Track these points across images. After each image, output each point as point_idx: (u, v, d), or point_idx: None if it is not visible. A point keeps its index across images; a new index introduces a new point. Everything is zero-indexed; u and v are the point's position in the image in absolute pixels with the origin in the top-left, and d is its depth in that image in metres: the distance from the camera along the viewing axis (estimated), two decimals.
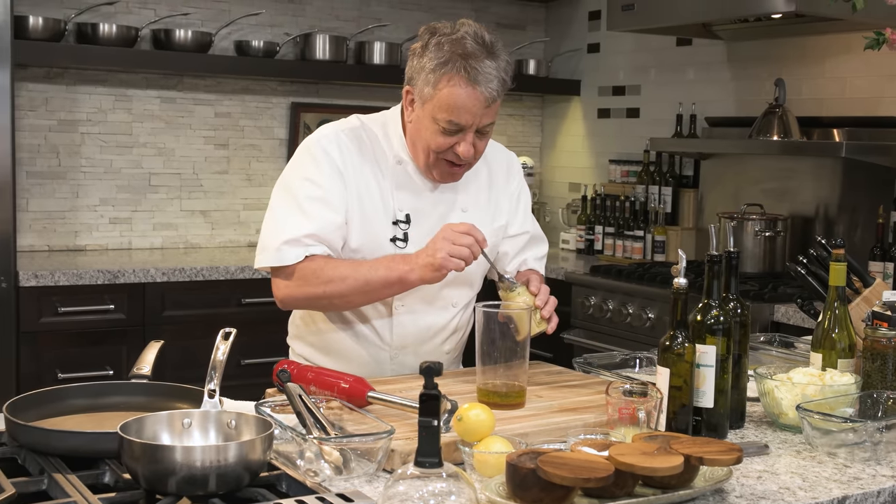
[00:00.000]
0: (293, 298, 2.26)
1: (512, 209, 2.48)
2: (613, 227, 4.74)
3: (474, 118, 2.18)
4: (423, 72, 2.19)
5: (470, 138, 2.21)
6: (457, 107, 2.16)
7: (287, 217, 2.25)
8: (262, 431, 1.57)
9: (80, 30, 4.23)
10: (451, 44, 2.16)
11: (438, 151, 2.23)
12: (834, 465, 1.78)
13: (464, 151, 2.21)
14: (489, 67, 2.15)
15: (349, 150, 2.29)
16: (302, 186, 2.26)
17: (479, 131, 2.22)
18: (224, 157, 4.71)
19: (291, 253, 2.21)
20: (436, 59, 2.17)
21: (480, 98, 2.16)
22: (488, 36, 2.19)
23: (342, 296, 2.21)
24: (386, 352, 2.35)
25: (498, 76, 2.17)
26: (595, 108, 5.22)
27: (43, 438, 1.65)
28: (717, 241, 1.93)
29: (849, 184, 3.96)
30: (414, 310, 2.34)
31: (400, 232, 2.29)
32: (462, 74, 2.14)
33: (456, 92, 2.15)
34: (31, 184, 4.31)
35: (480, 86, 2.14)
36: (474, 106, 2.16)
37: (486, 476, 1.62)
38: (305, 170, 2.28)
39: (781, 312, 3.46)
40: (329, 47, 4.63)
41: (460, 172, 2.31)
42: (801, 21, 3.90)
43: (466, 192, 2.38)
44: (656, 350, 1.90)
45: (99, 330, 3.85)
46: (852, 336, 2.10)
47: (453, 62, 2.15)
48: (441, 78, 2.16)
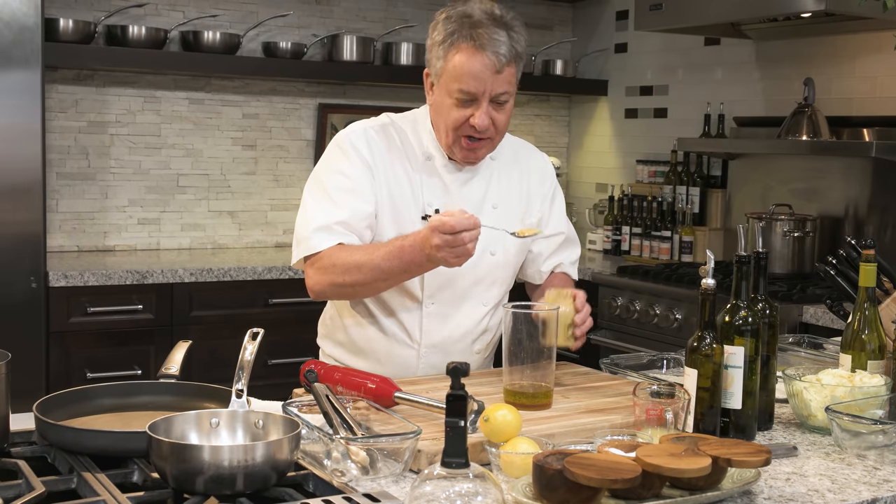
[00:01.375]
0: (320, 287, 2.25)
1: (546, 209, 2.48)
2: (640, 227, 4.72)
3: (484, 85, 2.18)
4: (434, 48, 2.24)
5: (485, 108, 2.20)
6: (465, 73, 2.17)
7: (317, 207, 2.26)
8: (289, 431, 1.58)
9: (109, 32, 4.26)
10: (458, 16, 2.20)
11: (456, 127, 2.23)
12: (863, 468, 1.77)
13: (479, 122, 2.20)
14: (496, 34, 2.17)
15: (378, 146, 2.31)
16: (331, 178, 2.28)
17: (495, 101, 2.21)
18: (252, 158, 4.73)
19: (322, 239, 2.22)
20: (444, 31, 2.21)
21: (488, 63, 2.16)
22: (499, 10, 2.21)
23: (363, 284, 2.20)
24: (415, 350, 2.35)
25: (507, 43, 2.18)
26: (622, 108, 5.20)
27: (72, 437, 1.66)
28: (746, 242, 1.91)
29: (879, 184, 3.93)
30: (444, 309, 2.34)
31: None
32: (468, 42, 2.16)
33: (463, 59, 2.17)
34: (61, 185, 4.35)
35: (487, 50, 2.15)
36: (482, 72, 2.17)
37: (513, 477, 1.62)
38: (335, 163, 2.30)
39: (810, 313, 3.44)
40: (356, 48, 4.64)
41: (480, 149, 2.29)
42: (830, 20, 3.87)
43: (498, 188, 2.38)
44: (684, 351, 1.89)
45: (127, 330, 3.87)
46: (882, 337, 2.08)
47: (460, 31, 2.18)
48: (450, 49, 2.19)
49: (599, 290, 4.20)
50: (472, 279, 2.33)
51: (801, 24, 4.07)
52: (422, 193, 2.31)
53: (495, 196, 2.38)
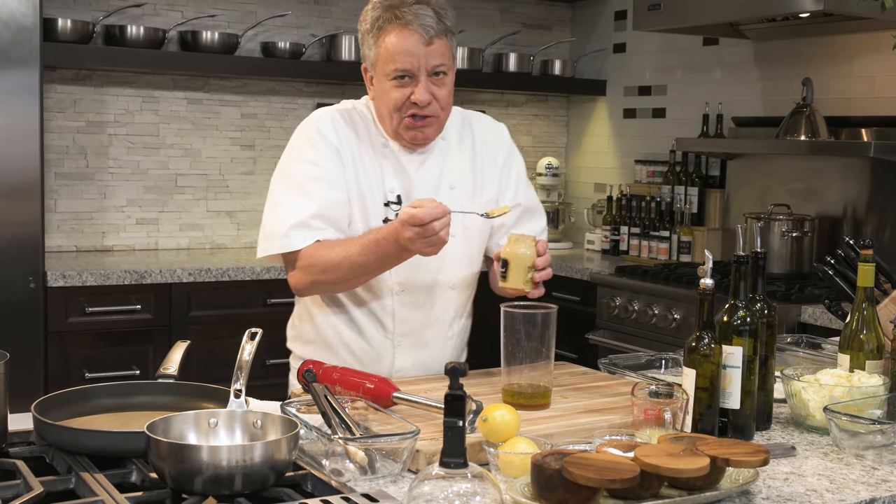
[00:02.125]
0: (303, 285, 2.26)
1: (503, 181, 2.43)
2: (639, 227, 4.72)
3: (418, 60, 2.20)
4: (365, 38, 2.27)
5: (423, 83, 2.21)
6: (397, 52, 2.20)
7: (290, 201, 2.25)
8: (287, 431, 1.58)
9: (108, 32, 4.26)
10: (381, 2, 2.23)
11: (398, 108, 2.24)
12: (862, 468, 1.77)
13: (420, 97, 2.21)
14: (419, 9, 2.20)
15: (345, 130, 2.31)
16: (300, 168, 2.28)
17: (433, 75, 2.22)
18: (250, 158, 4.73)
19: (299, 237, 2.22)
20: (371, 19, 2.24)
21: (416, 37, 2.19)
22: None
23: (344, 280, 2.22)
24: (389, 340, 2.33)
25: (433, 16, 2.20)
26: (621, 108, 5.20)
27: (71, 437, 1.66)
28: (744, 242, 1.92)
29: (877, 184, 3.93)
30: (414, 295, 2.33)
31: (392, 213, 2.28)
32: (395, 22, 2.19)
33: (392, 40, 2.20)
34: (60, 185, 4.35)
35: (412, 25, 2.18)
36: (413, 46, 2.19)
37: (511, 477, 1.62)
38: (302, 152, 2.29)
39: (808, 313, 3.44)
40: (355, 48, 4.64)
41: (427, 127, 2.27)
42: (828, 20, 3.87)
43: (452, 169, 2.37)
44: (682, 351, 1.89)
45: (126, 330, 3.87)
46: (880, 337, 2.08)
47: (384, 15, 2.21)
48: (378, 34, 2.22)
49: (598, 290, 4.20)
50: (437, 262, 2.31)
51: (800, 24, 4.07)
52: (383, 178, 2.30)
53: (450, 176, 2.36)
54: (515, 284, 2.11)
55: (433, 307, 2.36)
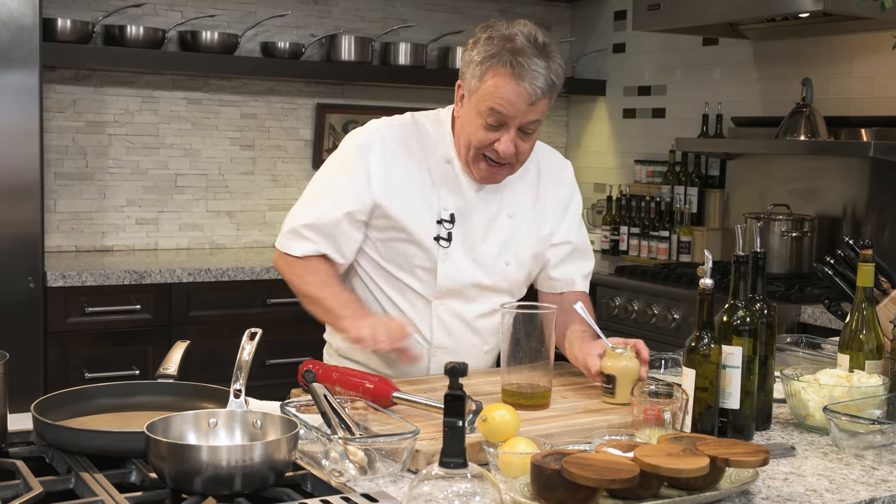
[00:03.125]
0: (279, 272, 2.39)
1: (558, 216, 2.44)
2: (639, 227, 4.72)
3: (517, 113, 2.16)
4: (471, 65, 2.20)
5: (512, 135, 2.18)
6: (499, 98, 2.15)
7: (301, 203, 2.35)
8: (287, 431, 1.58)
9: (107, 32, 4.25)
10: (501, 39, 2.18)
11: (480, 147, 2.22)
12: (861, 467, 1.77)
13: (504, 148, 2.18)
14: (537, 65, 2.14)
15: (391, 147, 2.29)
16: (324, 174, 2.35)
17: (523, 130, 2.20)
18: (250, 158, 4.73)
19: (293, 244, 2.31)
20: (484, 52, 2.18)
21: (524, 94, 2.14)
22: (542, 37, 2.20)
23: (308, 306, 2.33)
24: (425, 349, 2.34)
25: (545, 76, 2.15)
26: (620, 108, 5.20)
27: (70, 438, 1.66)
28: (744, 242, 1.92)
29: (877, 184, 3.93)
30: (452, 308, 2.33)
31: (444, 231, 2.28)
32: (507, 68, 2.14)
33: (499, 84, 2.14)
34: (59, 185, 4.35)
35: (525, 81, 2.13)
36: (517, 100, 2.14)
37: (511, 477, 1.62)
38: (335, 159, 2.34)
39: (808, 313, 3.44)
40: (354, 48, 4.64)
41: (501, 174, 2.29)
42: (828, 20, 3.87)
43: (514, 196, 2.36)
44: (682, 351, 1.89)
45: (125, 330, 3.87)
46: (880, 337, 2.08)
47: (500, 56, 2.15)
48: (487, 70, 2.16)
49: (597, 290, 4.20)
50: (484, 284, 2.33)
51: (800, 24, 4.07)
52: (438, 197, 2.29)
53: (512, 204, 2.36)
54: (624, 399, 2.02)
55: (472, 325, 2.36)
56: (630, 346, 2.11)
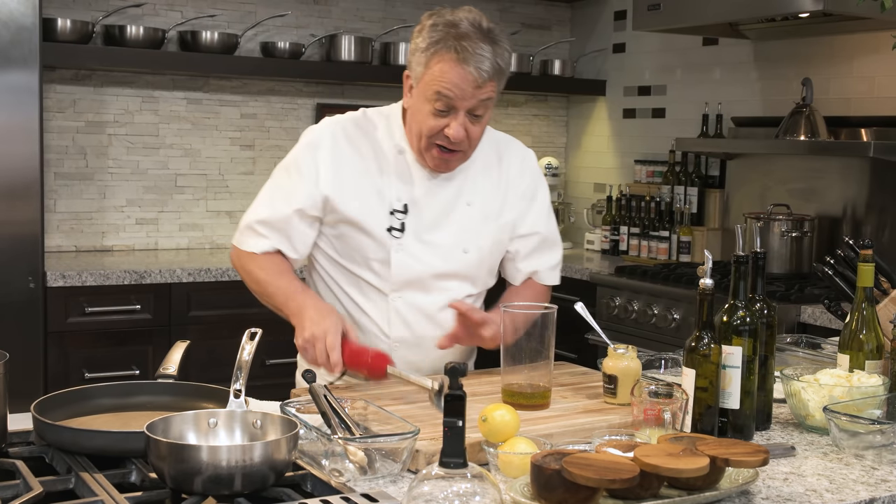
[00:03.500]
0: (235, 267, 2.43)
1: (523, 207, 2.41)
2: (638, 227, 4.72)
3: (464, 97, 2.16)
4: (417, 52, 2.22)
5: (460, 119, 2.19)
6: (445, 84, 2.16)
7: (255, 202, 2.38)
8: (287, 431, 1.58)
9: (107, 32, 4.25)
10: (445, 25, 2.18)
11: (430, 135, 2.22)
12: (861, 467, 1.77)
13: (454, 133, 2.19)
14: (482, 49, 2.15)
15: (340, 143, 2.31)
16: (278, 173, 2.37)
17: (472, 114, 2.20)
18: (250, 158, 4.73)
19: (247, 241, 2.35)
20: (429, 38, 2.19)
21: (470, 77, 2.14)
22: (486, 23, 2.21)
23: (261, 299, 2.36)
24: (385, 343, 2.32)
25: (491, 59, 2.16)
26: (620, 108, 5.20)
27: (70, 438, 1.66)
28: (744, 242, 1.92)
29: (877, 184, 3.93)
30: (411, 303, 2.32)
31: (397, 222, 2.28)
32: (452, 53, 2.15)
33: (445, 69, 2.15)
34: (59, 185, 4.35)
35: (470, 65, 2.14)
36: (463, 83, 2.15)
37: (511, 477, 1.62)
38: (288, 159, 2.37)
39: (808, 313, 3.44)
40: (354, 48, 4.64)
41: (453, 160, 2.28)
42: (828, 20, 3.87)
43: (473, 185, 2.36)
44: (682, 351, 1.89)
45: (125, 330, 3.87)
46: (880, 337, 2.08)
47: (445, 41, 2.16)
48: (433, 56, 2.17)
49: (597, 290, 4.20)
50: (442, 275, 2.32)
51: (799, 25, 4.07)
52: (390, 188, 2.30)
53: (470, 192, 2.35)
54: (625, 400, 2.01)
55: (432, 316, 2.34)
56: (631, 347, 2.11)
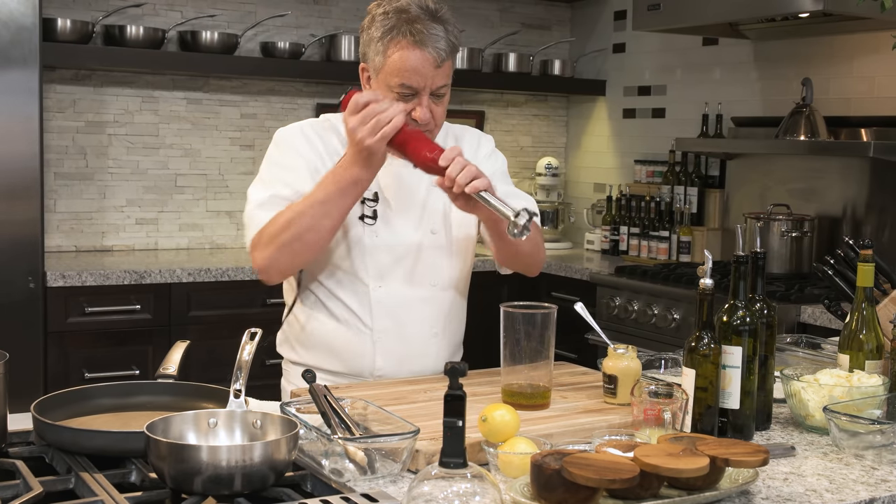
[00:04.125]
0: (267, 261, 2.20)
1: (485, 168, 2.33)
2: (638, 227, 4.72)
3: (425, 80, 2.19)
4: (372, 42, 2.23)
5: (425, 102, 2.21)
6: (407, 69, 2.18)
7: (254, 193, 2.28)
8: (287, 431, 1.58)
9: (107, 32, 4.25)
10: (395, 12, 2.20)
11: None
12: (861, 467, 1.77)
13: (420, 115, 2.21)
14: (435, 29, 2.18)
15: (312, 140, 2.32)
16: (268, 170, 2.31)
17: (434, 94, 2.22)
18: (250, 158, 4.73)
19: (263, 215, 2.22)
20: (382, 27, 2.21)
21: (429, 59, 2.17)
22: (432, 3, 2.23)
23: (309, 229, 2.14)
24: (368, 336, 2.31)
25: (446, 38, 2.19)
26: (620, 108, 5.20)
27: (70, 438, 1.66)
28: (744, 242, 1.92)
29: (877, 184, 3.93)
30: (393, 292, 2.32)
31: (368, 210, 2.29)
32: (409, 38, 2.17)
33: (404, 55, 2.18)
34: (59, 185, 4.35)
35: (428, 47, 2.17)
36: (424, 67, 2.18)
37: (511, 477, 1.62)
38: (270, 158, 2.33)
39: (808, 313, 3.44)
40: (354, 48, 4.64)
41: None
42: (828, 20, 3.87)
43: None
44: (682, 351, 1.89)
45: (125, 330, 3.87)
46: (880, 337, 2.08)
47: (398, 27, 2.18)
48: (389, 44, 2.19)
49: (597, 290, 4.20)
50: (415, 258, 2.32)
51: (799, 25, 4.07)
52: None
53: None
54: (626, 400, 2.00)
55: (413, 306, 2.34)
56: (631, 347, 2.11)
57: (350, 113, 2.08)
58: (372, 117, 2.05)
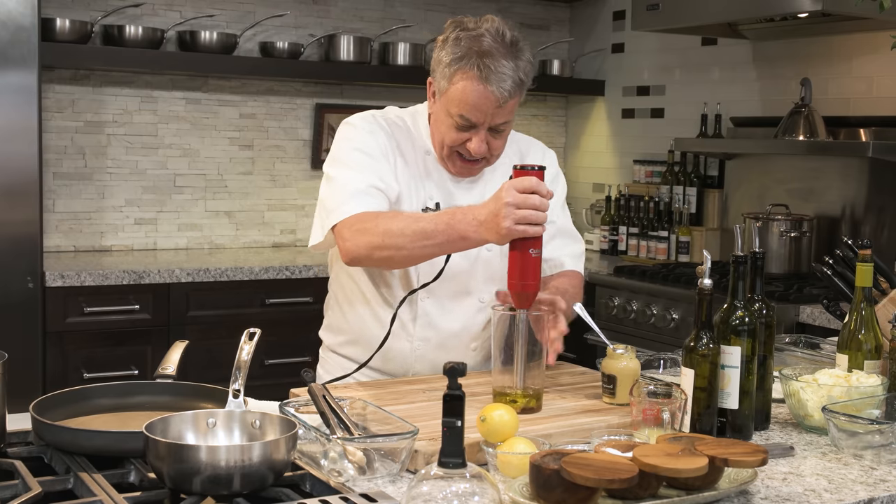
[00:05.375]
0: (356, 248, 2.14)
1: None
2: (637, 227, 4.72)
3: (485, 116, 2.18)
4: (440, 65, 2.21)
5: (482, 136, 2.21)
6: (467, 103, 2.16)
7: (346, 177, 2.21)
8: (286, 431, 1.58)
9: (106, 32, 4.25)
10: (469, 40, 2.17)
11: (452, 146, 2.25)
12: (860, 467, 1.77)
13: (475, 149, 2.21)
14: (504, 67, 2.14)
15: (385, 132, 2.31)
16: (352, 156, 2.25)
17: (493, 129, 2.22)
18: (248, 158, 4.73)
19: (360, 203, 2.16)
20: (452, 53, 2.18)
21: (491, 97, 2.15)
22: (510, 34, 2.19)
23: (400, 248, 2.09)
24: (408, 343, 2.33)
25: (513, 77, 2.16)
26: (619, 108, 5.20)
27: (69, 438, 1.66)
28: (743, 242, 1.92)
29: (875, 184, 3.93)
30: (440, 302, 2.32)
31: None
32: (475, 72, 2.14)
33: (467, 88, 2.15)
34: (58, 185, 4.35)
35: (492, 85, 2.14)
36: (485, 104, 2.16)
37: (510, 477, 1.62)
38: (352, 142, 2.28)
39: (807, 313, 3.44)
40: (353, 48, 4.64)
41: (476, 168, 2.32)
42: (827, 20, 3.87)
43: (494, 184, 2.35)
44: (681, 351, 1.89)
45: (124, 330, 3.87)
46: (879, 337, 2.08)
47: (468, 58, 2.15)
48: (455, 73, 2.17)
49: (596, 290, 4.20)
50: (469, 273, 2.32)
51: (798, 25, 4.07)
52: (423, 187, 2.30)
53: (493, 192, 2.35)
54: (625, 400, 2.00)
55: (458, 318, 2.35)
56: (630, 347, 2.11)
57: (516, 188, 1.96)
58: (528, 208, 1.95)
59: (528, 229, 1.96)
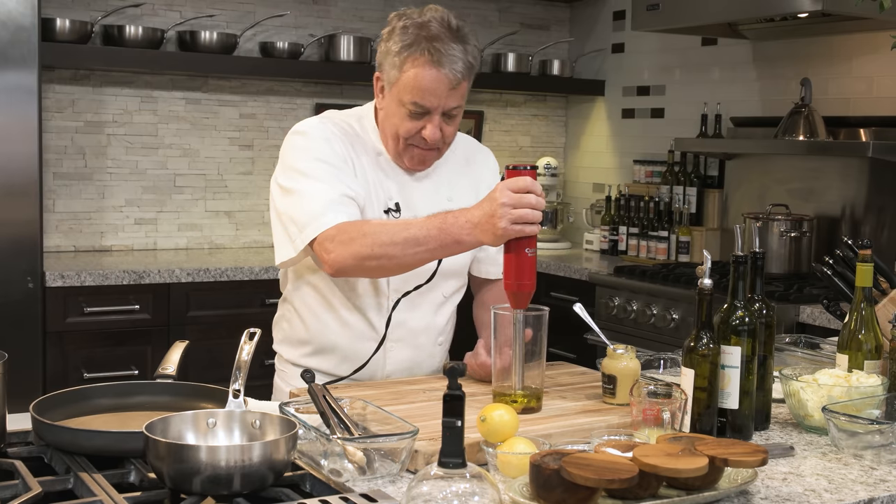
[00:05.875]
0: (342, 259, 2.09)
1: None
2: (637, 227, 4.72)
3: (439, 100, 2.18)
4: (389, 55, 2.20)
5: (436, 121, 2.20)
6: (421, 88, 2.16)
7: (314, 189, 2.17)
8: (286, 431, 1.58)
9: (106, 32, 4.25)
10: (416, 27, 2.17)
11: (407, 137, 2.23)
12: (860, 467, 1.77)
13: (430, 135, 2.20)
14: (454, 50, 2.15)
15: (339, 138, 2.27)
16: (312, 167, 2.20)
17: (446, 114, 2.21)
18: (248, 158, 4.73)
19: (338, 214, 2.13)
20: (401, 41, 2.18)
21: (444, 80, 2.15)
22: (455, 21, 2.20)
23: (392, 256, 2.06)
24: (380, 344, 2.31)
25: (464, 59, 2.17)
26: (619, 108, 5.20)
27: (69, 438, 1.66)
28: (743, 242, 1.92)
29: (875, 184, 3.93)
30: (414, 304, 2.31)
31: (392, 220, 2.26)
32: (426, 56, 2.14)
33: (420, 73, 2.15)
34: (58, 185, 4.35)
35: (445, 67, 2.14)
36: (439, 87, 2.16)
37: (510, 477, 1.62)
38: (313, 151, 2.22)
39: (807, 313, 3.44)
40: (353, 48, 4.64)
41: (430, 158, 2.29)
42: (827, 20, 3.87)
43: (448, 180, 2.36)
44: (681, 351, 1.89)
45: (124, 330, 3.87)
46: (879, 337, 2.08)
47: (417, 44, 2.15)
48: (406, 60, 2.17)
49: (596, 290, 4.20)
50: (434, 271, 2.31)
51: (798, 25, 4.07)
52: (381, 187, 2.29)
53: (448, 188, 2.35)
54: (623, 400, 2.00)
55: (426, 314, 2.35)
56: (630, 347, 2.11)
57: (510, 188, 1.95)
58: (523, 208, 1.94)
59: (525, 229, 1.96)
